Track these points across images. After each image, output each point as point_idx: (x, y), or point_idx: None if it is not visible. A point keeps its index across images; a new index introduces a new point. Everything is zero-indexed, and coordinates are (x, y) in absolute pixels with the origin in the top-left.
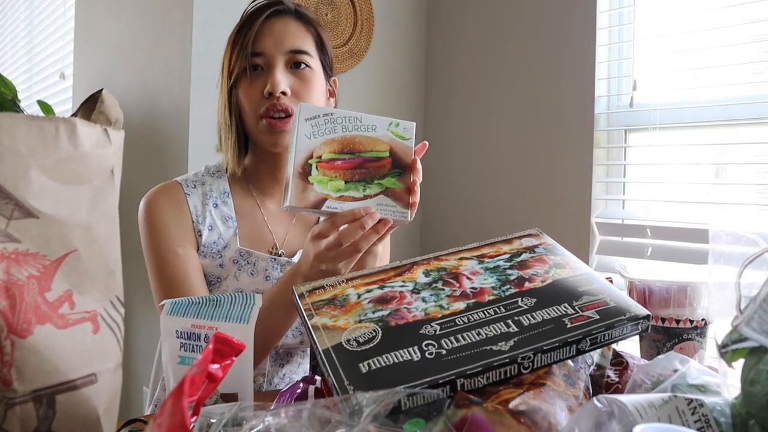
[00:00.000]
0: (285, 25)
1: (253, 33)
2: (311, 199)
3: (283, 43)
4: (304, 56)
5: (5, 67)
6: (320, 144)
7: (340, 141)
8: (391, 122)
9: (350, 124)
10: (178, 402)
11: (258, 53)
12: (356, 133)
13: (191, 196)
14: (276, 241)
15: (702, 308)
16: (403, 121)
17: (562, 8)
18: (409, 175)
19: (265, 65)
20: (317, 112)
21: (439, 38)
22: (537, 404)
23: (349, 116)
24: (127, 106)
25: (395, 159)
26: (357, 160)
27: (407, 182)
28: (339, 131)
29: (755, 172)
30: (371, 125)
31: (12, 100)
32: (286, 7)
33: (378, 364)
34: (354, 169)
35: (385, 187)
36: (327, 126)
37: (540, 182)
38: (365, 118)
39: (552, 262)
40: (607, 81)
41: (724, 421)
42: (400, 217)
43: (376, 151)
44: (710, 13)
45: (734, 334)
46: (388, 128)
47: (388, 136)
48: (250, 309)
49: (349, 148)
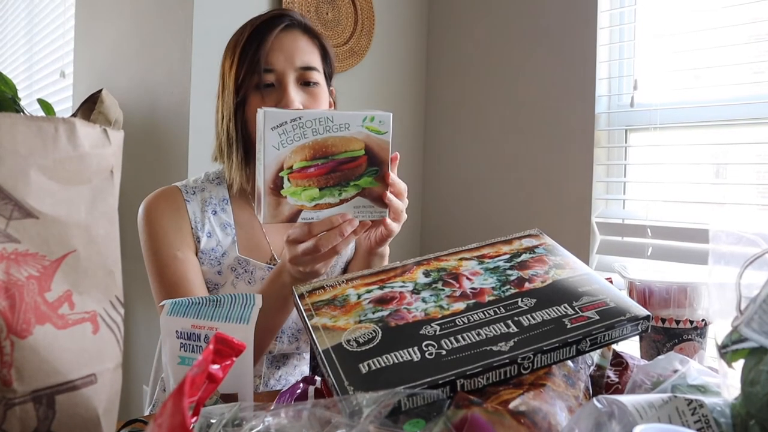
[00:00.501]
0: (294, 41)
1: (266, 48)
2: (285, 213)
3: (294, 60)
4: (314, 73)
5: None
6: (290, 153)
7: (311, 146)
8: (366, 117)
9: (320, 126)
10: (179, 402)
11: (269, 69)
12: (327, 135)
13: (190, 203)
14: (273, 252)
15: (702, 309)
16: (379, 113)
17: (562, 8)
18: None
19: (276, 82)
20: (284, 118)
21: (440, 37)
22: (537, 405)
23: (318, 117)
24: (128, 105)
25: (371, 156)
26: (330, 164)
27: (384, 180)
28: (309, 135)
29: (756, 172)
30: (344, 124)
31: (12, 98)
32: (296, 20)
33: (378, 365)
34: (328, 174)
35: (362, 188)
36: (296, 132)
37: (540, 182)
38: (336, 117)
39: (552, 262)
40: (608, 80)
41: (724, 422)
42: (378, 217)
43: (350, 151)
44: (711, 13)
45: (734, 335)
46: (362, 124)
47: (362, 133)
48: (250, 309)
49: (321, 153)
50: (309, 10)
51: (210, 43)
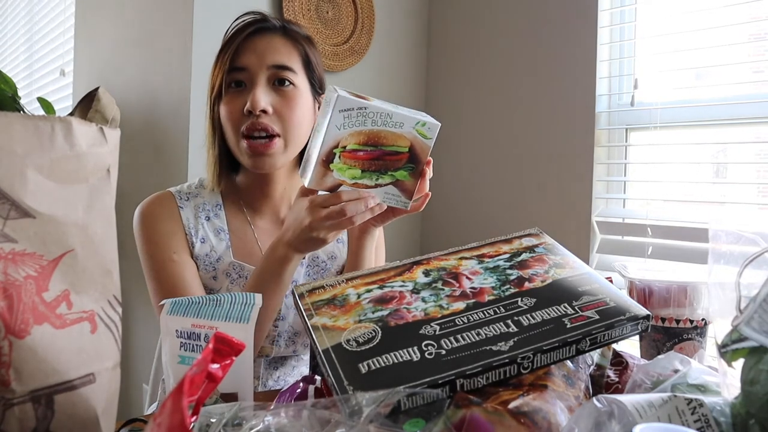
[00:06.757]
0: (269, 42)
1: (234, 48)
2: (328, 184)
3: (266, 59)
4: (287, 72)
5: (5, 64)
6: (347, 135)
7: (366, 134)
8: (419, 121)
9: (380, 119)
10: (178, 402)
11: (241, 68)
12: (383, 128)
13: (184, 209)
14: None
15: (702, 308)
16: (430, 121)
17: (563, 7)
18: (420, 170)
19: (248, 81)
20: (352, 105)
21: (440, 36)
22: (537, 405)
23: (380, 112)
24: (128, 104)
25: (412, 155)
26: (377, 153)
27: (417, 177)
28: (368, 125)
29: (756, 171)
30: (399, 122)
31: (12, 97)
32: (271, 24)
33: (378, 365)
34: (372, 160)
35: (396, 179)
36: (358, 119)
37: (540, 181)
38: (395, 115)
39: (552, 261)
40: (608, 80)
41: (724, 421)
42: (401, 206)
43: (397, 146)
44: (711, 12)
45: (734, 334)
46: (414, 126)
47: (411, 134)
48: (250, 308)
49: (373, 141)
50: (309, 9)
51: (210, 42)
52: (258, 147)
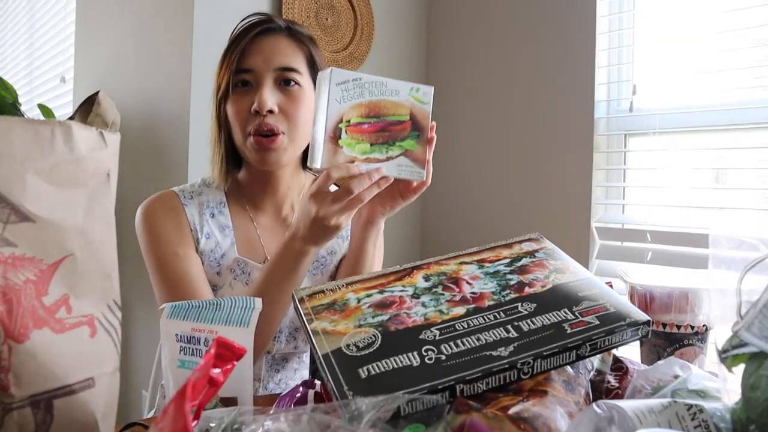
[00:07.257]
0: (275, 43)
1: (241, 49)
2: (341, 161)
3: (272, 61)
4: (293, 74)
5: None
6: (349, 108)
7: (367, 105)
8: (413, 87)
9: (376, 89)
10: (180, 407)
11: (247, 70)
12: (381, 97)
13: (188, 206)
14: (267, 253)
15: (703, 314)
16: (423, 86)
17: (561, 13)
18: (426, 137)
19: (254, 82)
20: (347, 77)
21: (439, 43)
22: (537, 410)
23: (375, 81)
24: (128, 109)
25: (414, 122)
26: (381, 124)
27: (425, 144)
28: (366, 96)
29: (755, 176)
30: (395, 90)
31: (12, 103)
32: (276, 25)
33: (377, 370)
34: (378, 132)
35: (405, 149)
36: (355, 91)
37: (540, 186)
38: (390, 84)
39: (552, 266)
40: (607, 86)
41: (724, 427)
42: (417, 177)
43: (398, 114)
44: (710, 17)
45: (735, 340)
46: (409, 93)
47: (409, 101)
48: (250, 312)
49: (374, 112)
50: (309, 16)
51: (210, 48)
52: (264, 142)
